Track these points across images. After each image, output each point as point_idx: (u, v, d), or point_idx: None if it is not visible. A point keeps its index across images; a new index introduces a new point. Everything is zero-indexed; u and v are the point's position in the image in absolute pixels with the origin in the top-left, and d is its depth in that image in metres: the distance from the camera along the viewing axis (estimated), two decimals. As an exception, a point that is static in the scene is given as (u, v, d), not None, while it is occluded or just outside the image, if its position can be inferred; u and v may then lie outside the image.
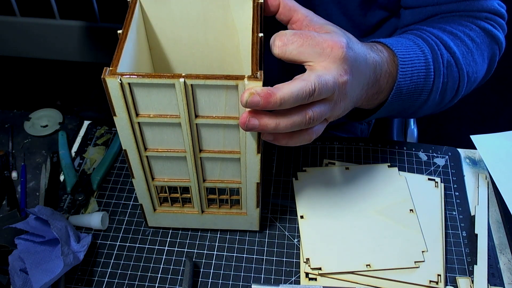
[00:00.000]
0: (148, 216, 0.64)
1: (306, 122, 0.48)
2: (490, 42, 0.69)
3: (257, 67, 0.47)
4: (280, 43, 0.48)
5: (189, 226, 0.66)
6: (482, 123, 1.79)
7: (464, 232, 0.67)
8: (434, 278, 0.61)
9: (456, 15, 0.70)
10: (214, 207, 0.62)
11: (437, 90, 0.65)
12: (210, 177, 0.58)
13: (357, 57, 0.52)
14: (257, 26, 0.51)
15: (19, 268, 0.58)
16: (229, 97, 0.47)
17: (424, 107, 0.67)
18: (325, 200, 0.68)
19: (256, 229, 0.65)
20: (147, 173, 0.57)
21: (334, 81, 0.49)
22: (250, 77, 0.45)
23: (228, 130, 0.51)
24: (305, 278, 0.62)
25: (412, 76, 0.62)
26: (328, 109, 0.50)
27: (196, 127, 0.51)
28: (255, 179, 0.56)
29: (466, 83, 0.67)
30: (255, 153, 0.53)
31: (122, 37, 0.50)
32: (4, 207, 0.70)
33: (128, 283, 0.62)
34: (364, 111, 0.67)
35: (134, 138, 0.52)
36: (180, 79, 0.45)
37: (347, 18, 0.77)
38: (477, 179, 0.72)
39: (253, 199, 0.59)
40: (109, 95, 0.47)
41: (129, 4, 0.54)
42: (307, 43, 0.48)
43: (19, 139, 0.79)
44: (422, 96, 0.64)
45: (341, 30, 0.53)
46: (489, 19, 0.69)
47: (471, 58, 0.67)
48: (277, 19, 0.56)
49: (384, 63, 0.59)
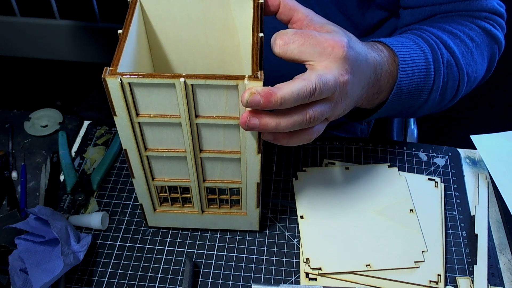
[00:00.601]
0: (148, 216, 0.64)
1: (307, 121, 0.48)
2: (489, 41, 0.69)
3: (258, 67, 0.47)
4: (281, 42, 0.48)
5: (189, 226, 0.66)
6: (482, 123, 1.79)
7: (464, 232, 0.67)
8: (434, 278, 0.61)
9: (456, 15, 0.70)
10: (214, 207, 0.62)
11: (437, 90, 0.65)
12: (210, 177, 0.58)
13: (358, 56, 0.52)
14: (257, 26, 0.51)
15: (19, 268, 0.58)
16: (230, 97, 0.47)
17: (424, 106, 0.67)
18: (325, 200, 0.68)
19: (256, 229, 0.65)
20: (147, 173, 0.57)
21: (335, 80, 0.49)
22: (250, 77, 0.45)
23: (228, 130, 0.51)
24: (305, 278, 0.62)
25: (413, 76, 0.62)
26: (328, 109, 0.50)
27: (197, 127, 0.51)
28: (255, 179, 0.56)
29: (466, 82, 0.68)
30: (255, 153, 0.53)
31: (122, 37, 0.50)
32: (4, 207, 0.70)
33: (128, 283, 0.62)
34: (364, 111, 0.67)
35: (135, 138, 0.52)
36: (180, 79, 0.45)
37: (345, 17, 0.77)
38: (477, 179, 0.72)
39: (253, 199, 0.59)
40: (109, 95, 0.47)
41: (129, 4, 0.53)
42: (308, 42, 0.48)
43: (19, 139, 0.79)
44: (422, 96, 0.64)
45: (342, 29, 0.53)
46: (489, 19, 0.69)
47: (471, 57, 0.67)
48: (278, 18, 0.56)
49: (384, 62, 0.59)
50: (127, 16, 0.52)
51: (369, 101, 0.61)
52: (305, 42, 0.48)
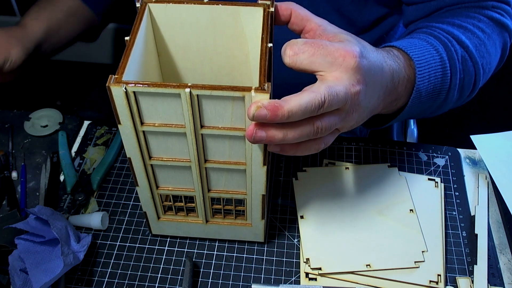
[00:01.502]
0: (152, 224, 0.63)
1: (314, 132, 0.47)
2: (500, 30, 0.68)
3: (265, 79, 0.46)
4: (291, 53, 0.47)
5: (193, 235, 0.65)
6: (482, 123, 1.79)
7: (464, 232, 0.67)
8: (434, 278, 0.61)
9: (462, 7, 0.69)
10: (218, 217, 0.62)
11: (455, 88, 0.64)
12: (215, 187, 0.57)
13: (371, 66, 0.50)
14: (266, 35, 0.50)
15: (19, 268, 0.58)
16: (236, 108, 0.46)
17: (443, 105, 0.66)
18: (325, 200, 0.68)
19: (261, 240, 0.64)
20: (152, 181, 0.56)
21: (346, 92, 0.47)
22: (257, 89, 0.44)
23: (233, 141, 0.50)
24: (305, 278, 0.62)
25: (430, 78, 0.61)
26: (338, 120, 0.49)
27: (202, 137, 0.50)
28: (261, 191, 0.55)
29: (482, 75, 0.66)
30: (261, 165, 0.52)
31: (129, 44, 0.49)
32: (4, 207, 0.70)
33: (128, 283, 0.62)
34: (382, 117, 0.66)
35: (139, 147, 0.51)
36: (186, 89, 0.44)
37: (340, 15, 0.75)
38: (477, 179, 0.72)
39: (258, 210, 0.58)
40: (113, 103, 0.46)
41: (138, 10, 0.52)
42: (318, 53, 0.47)
43: (19, 139, 0.79)
44: (440, 96, 0.63)
45: (355, 38, 0.51)
46: (496, 7, 0.68)
47: (484, 49, 0.66)
48: (290, 28, 0.54)
49: (401, 69, 0.58)
50: (135, 22, 0.51)
51: (386, 109, 0.60)
52: (316, 52, 0.47)
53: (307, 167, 0.72)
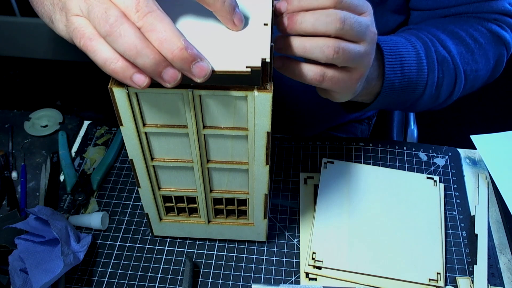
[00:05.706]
0: (154, 225, 0.63)
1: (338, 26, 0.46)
2: (496, 42, 0.69)
3: (268, 78, 0.46)
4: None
5: (195, 236, 0.65)
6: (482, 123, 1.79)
7: (464, 232, 0.67)
8: (434, 276, 0.61)
9: (465, 17, 0.70)
10: (220, 217, 0.62)
11: (433, 85, 0.65)
12: (217, 187, 0.57)
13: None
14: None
15: (19, 268, 0.58)
16: (238, 108, 0.46)
17: (421, 100, 0.67)
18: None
19: (263, 240, 0.64)
20: (154, 182, 0.56)
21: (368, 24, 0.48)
22: (260, 88, 0.44)
23: (236, 141, 0.50)
24: (305, 278, 0.62)
25: (403, 69, 0.62)
26: (357, 51, 0.48)
27: (204, 137, 0.50)
28: (263, 191, 0.55)
29: (463, 80, 0.68)
30: (264, 165, 0.52)
31: None
32: (4, 207, 0.70)
33: (128, 283, 0.62)
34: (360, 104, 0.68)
35: (141, 148, 0.51)
36: (188, 89, 0.44)
37: None
38: (477, 179, 0.72)
39: (260, 210, 0.58)
40: (115, 104, 0.46)
41: None
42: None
43: (19, 139, 0.79)
44: (417, 90, 0.65)
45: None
46: (498, 20, 0.69)
47: (470, 57, 0.67)
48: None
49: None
50: None
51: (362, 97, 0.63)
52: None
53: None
